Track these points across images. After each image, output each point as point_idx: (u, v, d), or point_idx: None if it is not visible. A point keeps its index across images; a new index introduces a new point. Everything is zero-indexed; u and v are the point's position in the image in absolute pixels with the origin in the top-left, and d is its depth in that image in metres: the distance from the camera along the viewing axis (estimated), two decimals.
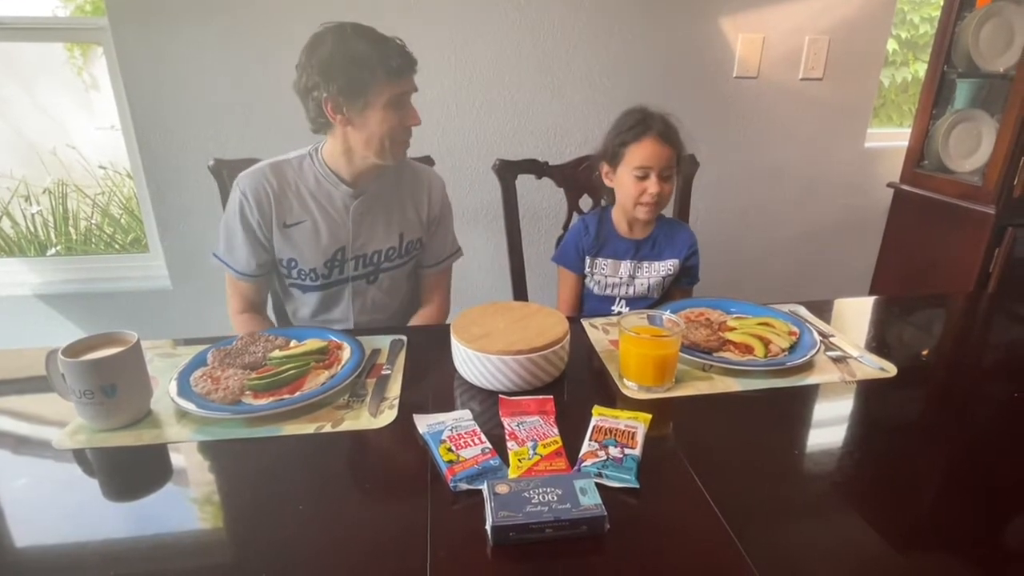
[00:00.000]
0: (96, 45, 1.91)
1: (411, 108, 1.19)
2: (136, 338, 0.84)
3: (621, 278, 1.40)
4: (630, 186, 1.31)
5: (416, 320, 1.40)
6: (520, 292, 1.58)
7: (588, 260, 1.41)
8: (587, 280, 1.44)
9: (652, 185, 1.28)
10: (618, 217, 1.42)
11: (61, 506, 0.72)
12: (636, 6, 1.94)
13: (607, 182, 1.38)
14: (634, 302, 1.41)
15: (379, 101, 1.13)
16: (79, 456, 0.79)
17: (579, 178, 1.54)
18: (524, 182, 1.54)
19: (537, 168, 1.53)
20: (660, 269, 1.40)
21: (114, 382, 0.80)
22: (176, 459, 0.79)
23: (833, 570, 0.62)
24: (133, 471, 0.78)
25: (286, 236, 1.23)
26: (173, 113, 1.83)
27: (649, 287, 1.40)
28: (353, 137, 1.17)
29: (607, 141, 1.36)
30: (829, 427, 0.89)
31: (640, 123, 1.30)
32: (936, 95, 2.00)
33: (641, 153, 1.28)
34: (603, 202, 1.49)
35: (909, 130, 2.11)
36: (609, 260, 1.40)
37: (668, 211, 1.55)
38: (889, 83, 2.90)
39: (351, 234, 1.25)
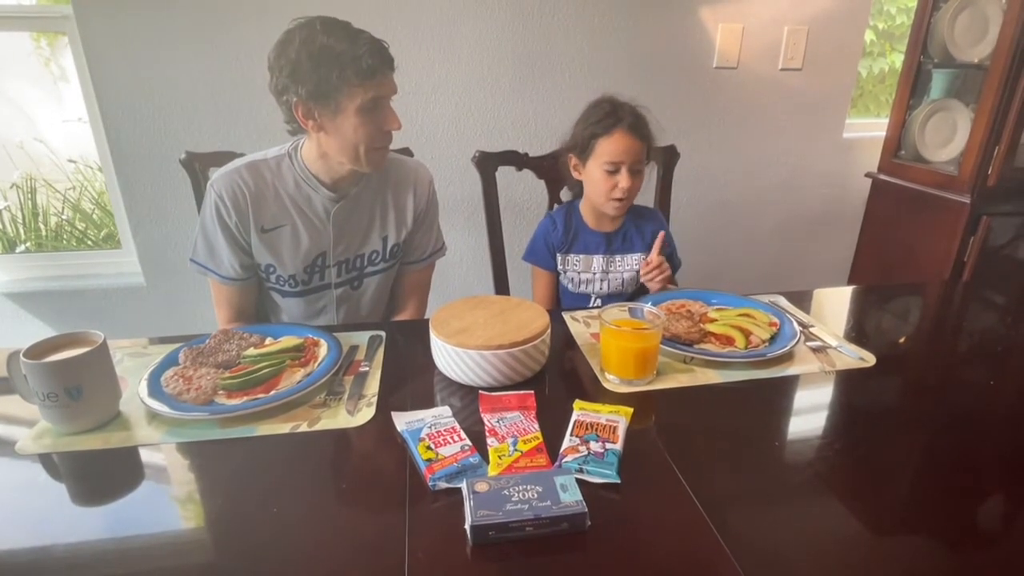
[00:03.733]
0: (62, 35, 1.85)
1: (389, 112, 1.11)
2: (102, 338, 0.81)
3: (594, 273, 1.37)
4: (600, 181, 1.27)
5: None
6: (501, 286, 1.57)
7: (559, 257, 1.38)
8: (561, 278, 1.41)
9: (623, 180, 1.25)
10: (587, 210, 1.38)
11: (26, 513, 0.69)
12: None
13: (575, 175, 1.35)
14: (610, 299, 1.37)
15: (351, 105, 1.05)
16: (45, 460, 0.76)
17: (559, 169, 1.52)
18: (504, 174, 1.52)
19: (517, 159, 1.51)
20: (632, 262, 1.36)
21: (79, 384, 0.77)
22: (147, 462, 0.77)
23: (813, 559, 0.63)
24: (101, 475, 0.75)
25: (264, 241, 1.17)
26: (143, 104, 1.78)
27: (623, 282, 1.37)
28: (327, 143, 1.11)
29: (576, 133, 1.31)
30: (809, 417, 0.89)
31: (610, 115, 1.26)
32: (913, 85, 2.02)
33: (612, 147, 1.25)
34: (565, 194, 1.46)
35: (886, 120, 2.13)
36: (581, 256, 1.37)
37: (649, 203, 1.55)
38: (867, 74, 2.92)
39: (332, 240, 1.20)
